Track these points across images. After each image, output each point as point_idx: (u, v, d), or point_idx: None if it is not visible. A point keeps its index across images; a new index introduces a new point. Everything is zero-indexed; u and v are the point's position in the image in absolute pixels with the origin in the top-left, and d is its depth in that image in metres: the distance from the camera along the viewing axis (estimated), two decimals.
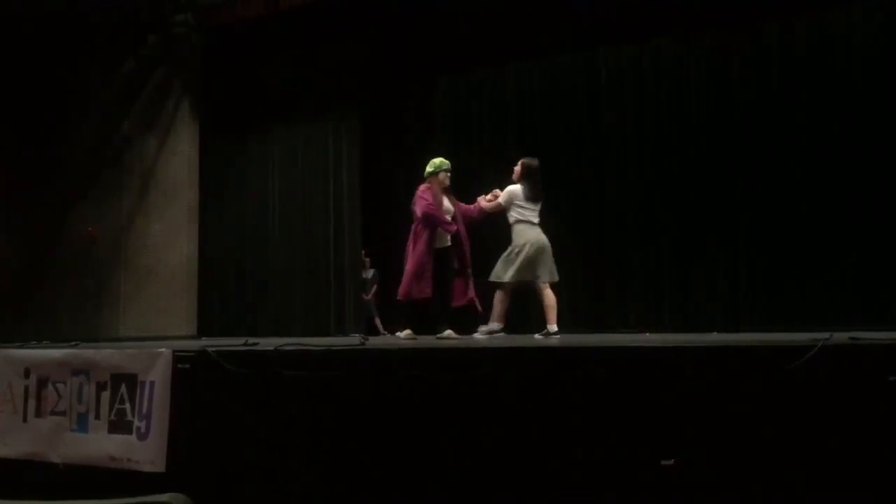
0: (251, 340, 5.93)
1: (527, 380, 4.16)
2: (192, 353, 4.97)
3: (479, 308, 7.08)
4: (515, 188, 6.89)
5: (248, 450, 4.73)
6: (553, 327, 6.61)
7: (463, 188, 8.31)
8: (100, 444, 5.10)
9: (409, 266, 6.95)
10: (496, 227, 7.31)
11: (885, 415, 3.51)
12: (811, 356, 3.62)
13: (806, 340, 3.80)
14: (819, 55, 8.36)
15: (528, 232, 6.75)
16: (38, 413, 5.42)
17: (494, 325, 6.72)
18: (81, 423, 5.22)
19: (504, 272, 6.73)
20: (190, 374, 4.88)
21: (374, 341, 6.69)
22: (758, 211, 8.57)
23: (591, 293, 9.18)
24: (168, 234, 10.72)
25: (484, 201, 7.18)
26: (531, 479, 4.06)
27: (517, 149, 9.67)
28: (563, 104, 9.67)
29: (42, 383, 5.44)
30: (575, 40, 9.52)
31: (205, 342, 6.54)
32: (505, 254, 6.82)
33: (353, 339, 6.69)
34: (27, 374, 5.53)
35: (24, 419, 5.48)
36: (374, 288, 11.22)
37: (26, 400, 5.49)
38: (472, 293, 7.04)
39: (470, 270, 7.08)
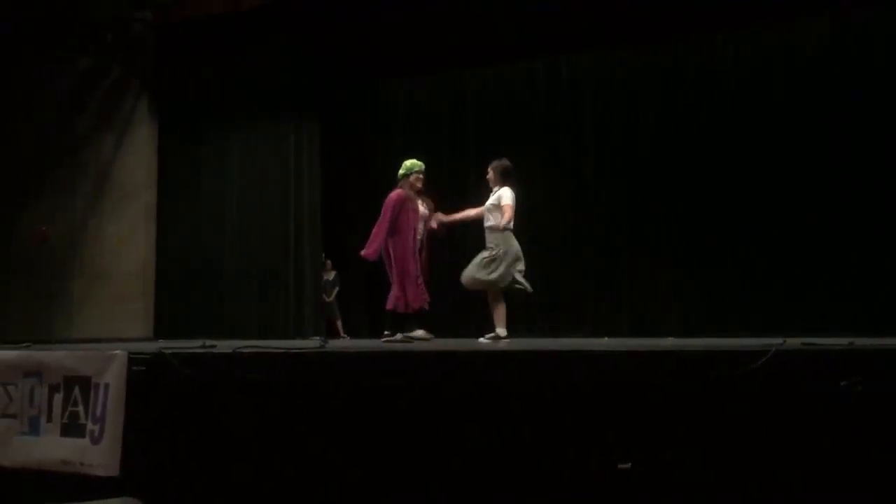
0: (208, 343, 5.87)
1: (481, 385, 4.18)
2: (147, 356, 4.90)
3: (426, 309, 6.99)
4: (510, 192, 6.76)
5: (203, 454, 4.68)
6: (503, 331, 6.64)
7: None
8: (52, 448, 5.00)
9: (402, 276, 6.74)
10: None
11: (837, 420, 3.59)
12: (765, 361, 3.69)
13: (760, 346, 3.86)
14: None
15: (511, 237, 6.70)
16: None
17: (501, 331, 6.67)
18: (33, 427, 5.11)
19: (508, 275, 6.61)
20: (145, 376, 4.81)
21: (334, 344, 6.66)
22: (713, 218, 8.71)
23: (547, 298, 9.24)
24: (124, 234, 10.58)
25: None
26: (491, 482, 4.07)
27: (475, 151, 9.77)
28: (520, 108, 9.74)
29: None
30: (536, 46, 9.59)
31: (161, 344, 6.45)
32: (496, 256, 6.64)
33: (313, 342, 6.66)
34: None
35: None
36: (336, 290, 11.19)
37: None
38: (424, 297, 6.92)
39: (421, 276, 6.95)
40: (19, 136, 10.95)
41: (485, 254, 6.70)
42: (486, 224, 6.75)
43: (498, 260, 6.62)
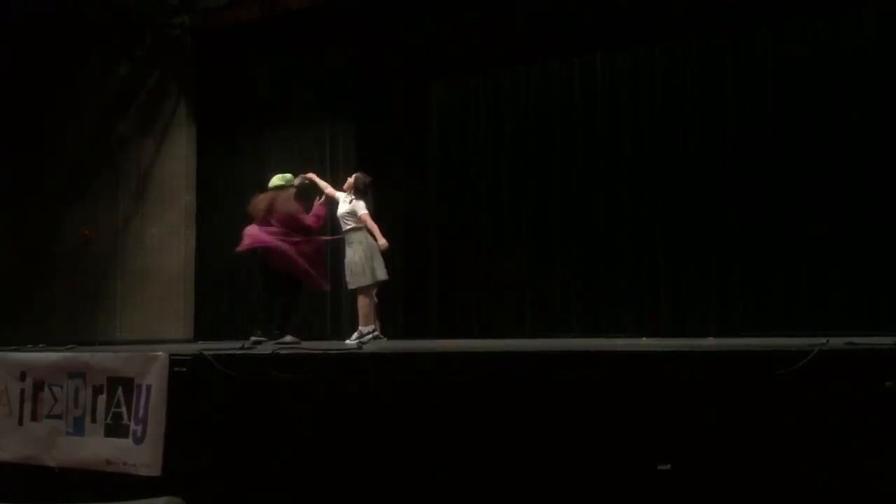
0: (248, 344, 5.93)
1: (524, 383, 4.16)
2: (188, 357, 4.96)
3: None
4: (362, 203, 7.40)
5: (244, 454, 4.73)
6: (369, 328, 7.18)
7: (456, 191, 8.23)
8: (96, 448, 5.09)
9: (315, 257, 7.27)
10: None
11: (882, 420, 3.52)
12: (808, 361, 3.63)
13: (803, 345, 3.80)
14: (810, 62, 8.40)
15: (370, 237, 7.35)
16: (34, 416, 5.42)
17: (370, 327, 7.24)
18: (77, 427, 5.21)
19: (380, 272, 7.32)
20: (186, 377, 4.87)
21: (371, 345, 6.68)
22: (752, 215, 8.58)
23: (585, 298, 9.17)
24: (165, 236, 10.70)
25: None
26: (527, 481, 4.06)
27: (510, 152, 9.73)
28: (557, 108, 9.67)
29: (38, 386, 5.43)
30: (570, 45, 9.50)
31: (201, 346, 6.52)
32: (361, 258, 7.28)
33: (351, 343, 6.69)
34: (23, 377, 5.52)
35: (20, 422, 5.48)
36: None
37: (22, 403, 5.48)
38: None
39: None
40: (63, 140, 11.15)
41: (355, 257, 7.32)
42: (347, 228, 7.40)
43: (365, 259, 7.27)
